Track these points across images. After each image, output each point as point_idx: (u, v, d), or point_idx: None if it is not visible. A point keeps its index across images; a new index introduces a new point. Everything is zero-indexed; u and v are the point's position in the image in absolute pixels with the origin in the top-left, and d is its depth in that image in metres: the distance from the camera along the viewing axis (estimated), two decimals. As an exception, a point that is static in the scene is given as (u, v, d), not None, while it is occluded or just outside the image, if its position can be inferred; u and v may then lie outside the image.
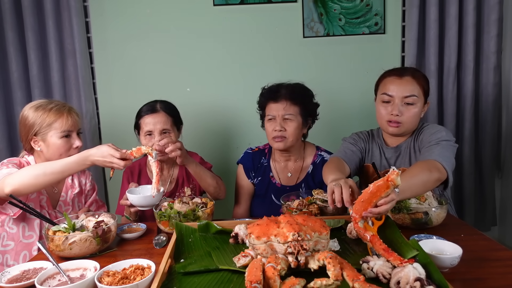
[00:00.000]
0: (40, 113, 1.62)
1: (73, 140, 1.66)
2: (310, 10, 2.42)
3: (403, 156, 1.72)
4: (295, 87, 1.84)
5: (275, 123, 1.80)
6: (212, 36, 2.45)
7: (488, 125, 2.47)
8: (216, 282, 1.05)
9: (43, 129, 1.61)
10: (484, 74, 2.44)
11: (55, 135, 1.62)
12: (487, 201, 2.56)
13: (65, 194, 1.74)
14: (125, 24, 2.43)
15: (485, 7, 2.37)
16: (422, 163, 1.44)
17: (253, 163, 1.96)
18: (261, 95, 1.91)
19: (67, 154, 1.63)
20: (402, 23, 2.47)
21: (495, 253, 1.22)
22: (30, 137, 1.63)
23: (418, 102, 1.63)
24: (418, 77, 1.65)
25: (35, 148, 1.65)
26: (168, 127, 1.82)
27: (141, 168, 1.95)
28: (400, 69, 1.72)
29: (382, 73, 1.76)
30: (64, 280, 1.10)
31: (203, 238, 1.28)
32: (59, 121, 1.62)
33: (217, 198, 1.85)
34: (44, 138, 1.62)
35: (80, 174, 1.81)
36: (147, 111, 1.83)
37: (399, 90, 1.63)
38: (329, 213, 1.48)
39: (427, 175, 1.36)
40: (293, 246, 1.02)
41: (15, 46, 2.33)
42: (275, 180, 1.93)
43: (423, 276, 0.93)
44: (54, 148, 1.62)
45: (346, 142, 1.81)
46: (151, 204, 1.54)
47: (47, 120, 1.61)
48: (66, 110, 1.65)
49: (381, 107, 1.68)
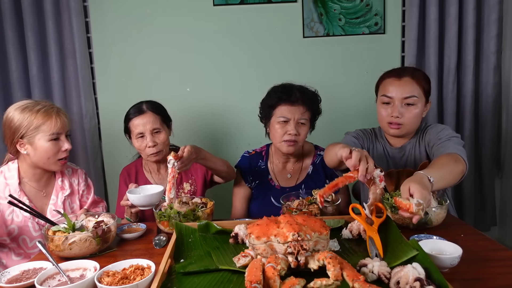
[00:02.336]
0: (26, 115, 1.53)
1: (62, 142, 1.59)
2: (310, 10, 2.42)
3: (408, 156, 1.71)
4: (309, 92, 1.82)
5: (289, 126, 1.76)
6: (212, 36, 2.45)
7: (488, 125, 2.47)
8: (216, 282, 1.04)
9: (30, 132, 1.53)
10: (484, 74, 2.44)
11: (43, 138, 1.54)
12: (487, 201, 2.56)
13: (56, 197, 1.66)
14: (125, 24, 2.43)
15: (485, 7, 2.38)
16: (446, 155, 1.45)
17: (250, 167, 1.94)
18: (272, 94, 1.83)
19: (55, 157, 1.58)
20: (402, 23, 2.47)
21: (495, 253, 1.22)
22: (16, 140, 1.54)
23: (419, 103, 1.62)
24: (418, 77, 1.63)
25: (21, 152, 1.57)
26: (158, 126, 1.82)
27: (138, 169, 1.96)
28: (399, 69, 1.71)
29: (382, 74, 1.75)
30: (64, 280, 1.10)
31: (203, 238, 1.28)
32: (48, 124, 1.54)
33: (229, 179, 1.90)
34: (31, 141, 1.54)
35: (71, 174, 1.74)
36: (134, 113, 1.83)
37: (399, 91, 1.62)
38: (329, 213, 1.48)
39: (454, 165, 1.39)
40: (293, 246, 1.02)
41: (15, 46, 2.34)
42: (273, 182, 1.92)
43: (423, 276, 0.93)
44: (42, 151, 1.55)
45: (349, 135, 1.79)
46: (152, 203, 1.54)
47: (34, 122, 1.53)
48: (54, 112, 1.57)
49: (382, 108, 1.67)
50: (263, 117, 1.89)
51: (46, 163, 1.59)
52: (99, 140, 2.55)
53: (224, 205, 2.08)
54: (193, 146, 1.56)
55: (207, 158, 1.67)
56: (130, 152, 2.06)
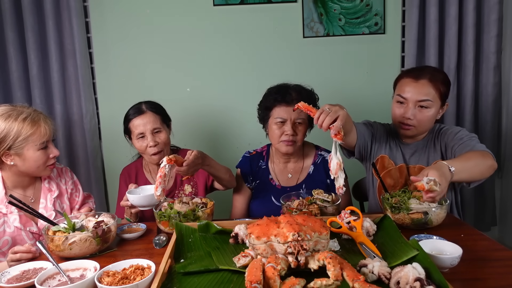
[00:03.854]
0: (12, 125, 1.43)
1: (50, 150, 1.53)
2: (310, 10, 2.42)
3: (421, 154, 1.72)
4: (304, 91, 1.83)
5: (286, 126, 1.78)
6: (212, 36, 2.46)
7: (488, 125, 2.47)
8: (216, 282, 1.04)
9: (18, 143, 1.44)
10: (484, 74, 2.44)
11: (32, 148, 1.47)
12: (487, 201, 2.56)
13: (45, 200, 1.60)
14: (125, 24, 2.43)
15: (485, 7, 2.37)
16: (473, 151, 1.47)
17: (250, 167, 1.95)
18: (268, 96, 1.86)
19: (44, 165, 1.53)
20: (402, 23, 2.47)
21: (495, 253, 1.22)
22: (1, 152, 1.44)
23: (433, 106, 1.61)
24: (436, 80, 1.61)
25: (7, 163, 1.48)
26: (158, 126, 1.82)
27: (138, 169, 1.96)
28: (418, 70, 1.68)
29: (401, 73, 1.75)
30: (64, 280, 1.10)
31: (203, 238, 1.28)
32: (37, 133, 1.47)
33: (229, 187, 1.89)
34: (19, 153, 1.46)
35: (56, 175, 1.68)
36: (134, 113, 1.83)
37: (414, 93, 1.60)
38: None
39: (481, 160, 1.42)
40: (293, 246, 1.02)
41: (15, 46, 2.34)
42: (274, 182, 1.92)
43: (422, 276, 0.93)
44: (31, 161, 1.48)
45: (363, 121, 1.81)
46: (151, 203, 1.54)
47: (23, 132, 1.44)
48: (41, 120, 1.50)
49: (396, 107, 1.68)
50: (261, 119, 1.91)
51: (36, 171, 1.54)
52: (99, 140, 2.55)
53: (224, 205, 2.09)
54: (200, 152, 1.56)
55: (212, 165, 1.68)
56: (130, 152, 2.06)
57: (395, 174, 1.71)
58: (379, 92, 2.51)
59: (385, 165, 1.73)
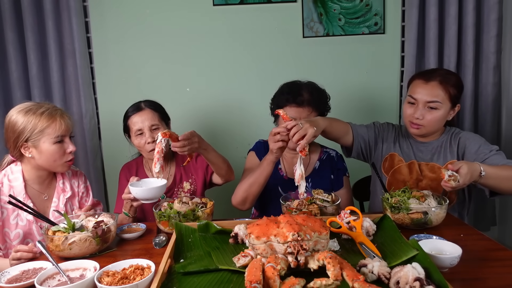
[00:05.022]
0: (30, 118, 1.52)
1: (67, 145, 1.59)
2: (309, 10, 2.42)
3: (434, 153, 1.75)
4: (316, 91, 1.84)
5: None
6: (212, 36, 2.45)
7: (488, 125, 2.47)
8: (216, 282, 1.05)
9: (35, 135, 1.52)
10: (483, 74, 2.44)
11: (48, 141, 1.53)
12: (487, 201, 2.56)
13: (57, 200, 1.66)
14: (125, 24, 2.43)
15: (484, 7, 2.37)
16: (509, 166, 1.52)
17: (265, 151, 1.96)
18: (280, 94, 1.87)
19: (61, 160, 1.58)
20: (401, 23, 2.47)
21: (494, 253, 1.23)
22: (20, 143, 1.53)
23: (442, 107, 1.66)
24: (446, 83, 1.65)
25: (26, 155, 1.56)
26: (157, 122, 1.84)
27: (138, 166, 1.96)
28: (430, 72, 1.73)
29: (414, 74, 1.82)
30: (64, 280, 1.10)
31: (202, 238, 1.28)
32: (52, 126, 1.54)
33: (228, 180, 1.89)
34: (36, 145, 1.53)
35: (71, 176, 1.74)
36: (133, 111, 1.86)
37: (424, 94, 1.66)
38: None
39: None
40: (293, 246, 1.02)
41: (14, 46, 2.33)
42: (282, 172, 1.95)
43: (422, 276, 0.93)
44: (47, 154, 1.55)
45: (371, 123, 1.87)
46: (154, 197, 1.52)
47: (39, 125, 1.52)
48: (58, 115, 1.57)
49: (407, 107, 1.73)
50: (273, 114, 1.94)
51: (53, 165, 1.59)
52: (99, 140, 2.55)
53: (224, 205, 2.08)
54: (195, 131, 1.59)
55: (209, 150, 1.69)
56: (129, 152, 2.06)
57: (404, 170, 1.76)
58: (379, 92, 2.52)
59: (395, 163, 1.79)
